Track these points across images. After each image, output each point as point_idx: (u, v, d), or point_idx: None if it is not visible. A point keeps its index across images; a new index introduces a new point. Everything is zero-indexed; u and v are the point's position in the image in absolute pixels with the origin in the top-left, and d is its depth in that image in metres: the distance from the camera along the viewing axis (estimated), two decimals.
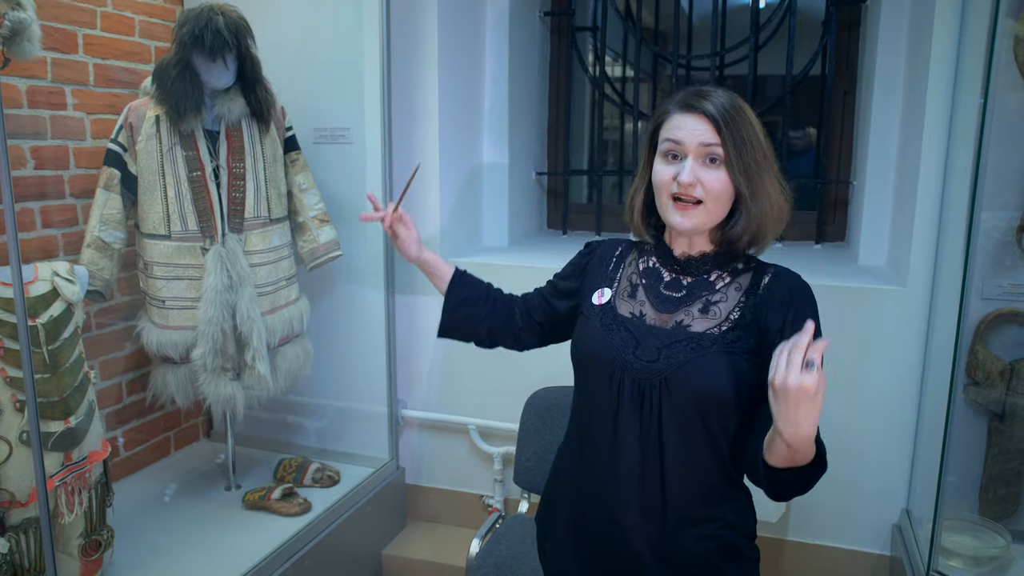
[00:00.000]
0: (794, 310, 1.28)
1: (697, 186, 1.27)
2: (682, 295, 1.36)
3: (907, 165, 2.50)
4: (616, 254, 1.48)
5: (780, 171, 1.32)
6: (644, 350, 1.32)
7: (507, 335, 1.65)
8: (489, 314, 1.64)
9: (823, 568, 2.56)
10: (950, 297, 2.29)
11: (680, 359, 1.29)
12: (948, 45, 2.26)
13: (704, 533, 1.34)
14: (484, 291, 1.68)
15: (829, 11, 2.93)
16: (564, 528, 1.45)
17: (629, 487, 1.33)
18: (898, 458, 2.47)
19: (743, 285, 1.34)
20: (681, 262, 1.37)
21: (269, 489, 2.58)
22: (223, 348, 2.39)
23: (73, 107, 2.48)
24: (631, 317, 1.37)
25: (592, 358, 1.38)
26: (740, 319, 1.30)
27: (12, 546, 1.90)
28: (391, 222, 1.68)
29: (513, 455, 2.78)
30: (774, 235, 1.33)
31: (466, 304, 1.65)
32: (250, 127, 2.43)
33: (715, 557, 1.35)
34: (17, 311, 1.48)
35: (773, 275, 1.34)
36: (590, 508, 1.39)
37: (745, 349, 1.29)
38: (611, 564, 1.37)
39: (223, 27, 2.24)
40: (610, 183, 3.54)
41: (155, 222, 2.35)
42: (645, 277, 1.41)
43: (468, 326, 1.66)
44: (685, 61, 3.19)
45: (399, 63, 2.71)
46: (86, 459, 2.06)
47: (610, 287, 1.44)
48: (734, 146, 1.25)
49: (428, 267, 1.71)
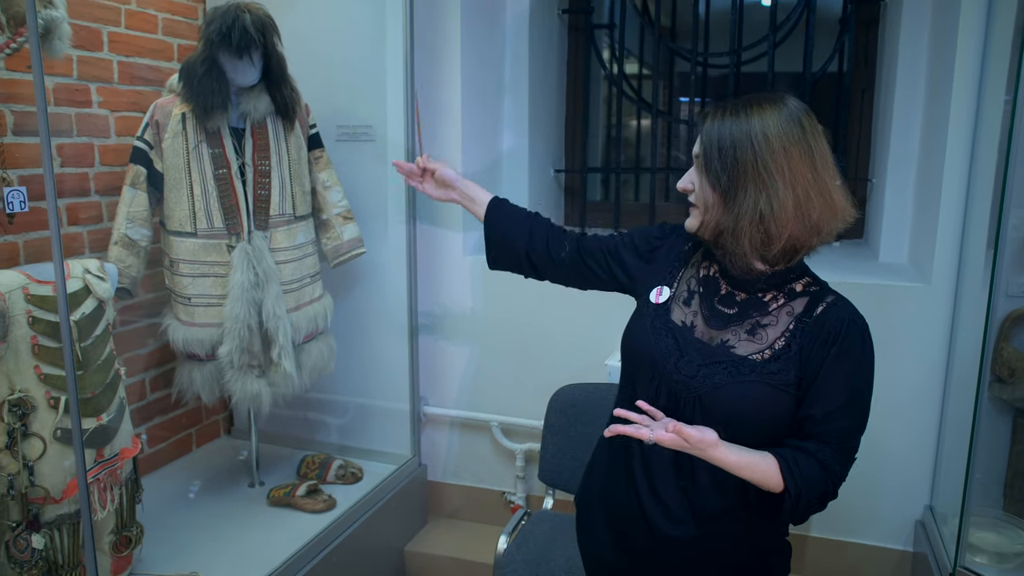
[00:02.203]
0: (838, 348, 1.25)
1: (692, 191, 1.33)
2: (733, 312, 1.34)
3: (930, 162, 2.51)
4: (686, 248, 1.46)
5: (814, 182, 1.23)
6: (685, 364, 1.32)
7: (551, 272, 1.59)
8: (529, 248, 1.58)
9: (846, 564, 2.58)
10: (974, 294, 2.30)
11: (716, 381, 1.29)
12: (974, 42, 2.26)
13: (735, 529, 1.35)
14: (522, 222, 1.61)
15: (847, 9, 2.93)
16: (600, 518, 1.49)
17: (663, 484, 1.36)
18: (921, 455, 2.48)
19: (795, 311, 1.30)
20: (736, 278, 1.34)
21: (294, 486, 2.59)
22: (249, 345, 2.39)
23: (98, 105, 2.48)
24: (681, 326, 1.37)
25: (636, 357, 1.40)
26: (784, 349, 1.28)
27: (47, 542, 1.91)
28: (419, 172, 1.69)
29: (536, 452, 2.80)
30: (779, 244, 1.25)
31: (503, 239, 1.61)
32: (275, 125, 2.43)
33: (746, 552, 1.38)
34: (60, 309, 1.48)
35: (828, 305, 1.29)
36: (624, 501, 1.41)
37: (783, 382, 1.27)
38: (645, 555, 1.40)
39: (250, 24, 2.24)
40: (623, 181, 3.53)
41: (181, 219, 2.35)
42: (703, 285, 1.39)
43: (511, 262, 1.62)
44: (703, 59, 3.20)
45: (422, 60, 2.72)
46: (117, 456, 2.06)
47: (670, 287, 1.42)
48: (705, 153, 1.27)
49: (466, 206, 1.69)
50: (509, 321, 2.83)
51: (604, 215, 3.41)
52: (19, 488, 1.86)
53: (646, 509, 1.37)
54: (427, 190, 1.70)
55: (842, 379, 1.26)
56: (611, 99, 3.49)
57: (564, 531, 2.30)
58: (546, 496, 2.49)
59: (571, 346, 2.76)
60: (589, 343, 2.72)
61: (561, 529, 2.31)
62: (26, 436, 1.87)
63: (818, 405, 1.26)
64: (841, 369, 1.25)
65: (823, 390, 1.26)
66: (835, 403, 1.26)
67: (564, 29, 3.36)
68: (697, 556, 1.36)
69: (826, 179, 1.25)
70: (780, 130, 1.23)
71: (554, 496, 2.48)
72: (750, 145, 1.23)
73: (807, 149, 1.23)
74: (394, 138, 2.73)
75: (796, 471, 1.24)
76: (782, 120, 1.23)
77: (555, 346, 2.79)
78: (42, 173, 2.28)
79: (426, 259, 2.86)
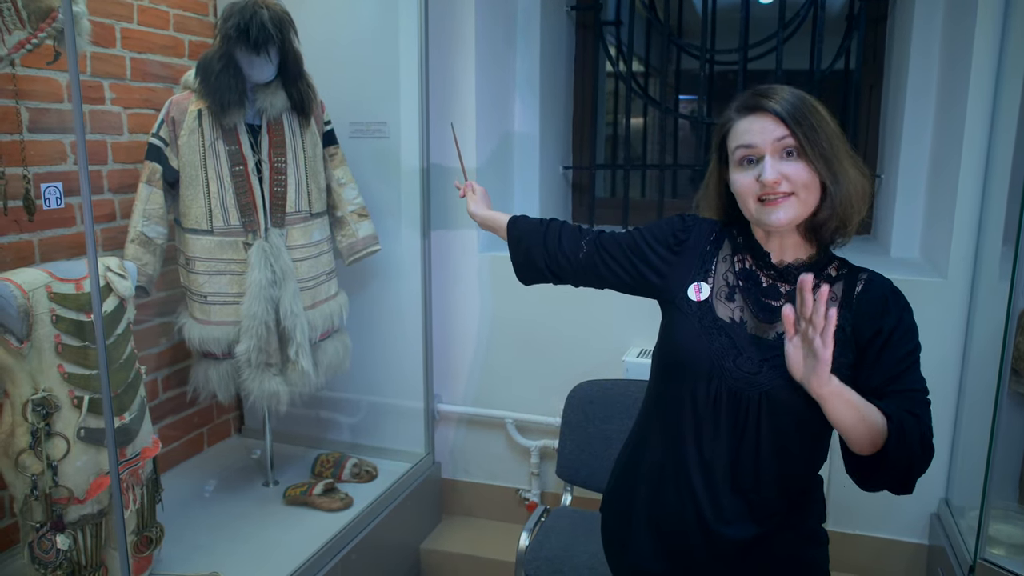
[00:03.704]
0: (891, 318, 1.27)
1: (782, 181, 1.24)
2: (781, 303, 1.32)
3: (944, 157, 2.53)
4: (711, 239, 1.42)
5: (852, 150, 1.30)
6: (745, 360, 1.30)
7: (570, 275, 1.58)
8: (546, 257, 1.58)
9: (862, 558, 2.59)
10: (991, 289, 2.32)
11: (784, 374, 1.24)
12: (991, 35, 2.27)
13: (789, 528, 1.35)
14: (536, 234, 1.61)
15: (855, 5, 2.94)
16: (642, 526, 1.43)
17: (722, 490, 1.32)
18: (937, 448, 2.46)
19: (837, 295, 1.30)
20: (779, 268, 1.33)
21: (310, 485, 2.58)
22: (266, 343, 2.38)
23: (111, 102, 2.46)
24: (730, 322, 1.34)
25: (689, 359, 1.34)
26: (839, 332, 1.26)
27: (71, 543, 1.89)
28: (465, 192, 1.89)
29: (551, 449, 2.80)
30: (859, 215, 1.29)
31: (525, 257, 1.62)
32: (291, 121, 2.42)
33: (795, 547, 1.37)
34: (95, 307, 1.47)
35: (866, 282, 1.31)
36: (675, 508, 1.37)
37: (846, 365, 1.27)
38: (696, 562, 1.36)
39: (267, 20, 2.23)
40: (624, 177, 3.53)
41: (197, 217, 2.34)
42: (743, 279, 1.36)
43: (537, 275, 1.62)
44: (710, 55, 3.21)
45: (436, 57, 2.71)
46: (139, 455, 2.04)
47: (707, 282, 1.38)
48: (804, 135, 1.23)
49: (491, 224, 1.78)
50: (523, 318, 2.82)
51: (612, 211, 3.42)
52: (43, 488, 1.84)
53: (705, 515, 1.33)
54: (469, 204, 1.86)
55: (901, 340, 1.27)
56: (616, 96, 3.49)
57: (585, 528, 2.30)
58: (564, 492, 2.48)
59: (585, 343, 2.76)
60: (603, 340, 2.72)
61: (582, 526, 2.31)
62: (49, 436, 1.85)
63: (885, 369, 1.26)
64: (899, 332, 1.27)
65: (888, 355, 1.26)
66: (900, 365, 1.26)
67: (572, 26, 3.36)
68: (755, 556, 1.34)
69: (858, 161, 1.30)
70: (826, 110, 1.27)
71: (572, 492, 2.48)
72: (824, 121, 1.25)
73: (842, 131, 1.29)
74: (408, 135, 2.72)
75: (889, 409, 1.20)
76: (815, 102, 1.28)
77: (569, 343, 2.79)
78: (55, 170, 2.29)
79: (440, 256, 2.86)
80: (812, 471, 1.37)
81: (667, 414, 1.39)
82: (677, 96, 3.34)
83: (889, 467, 1.21)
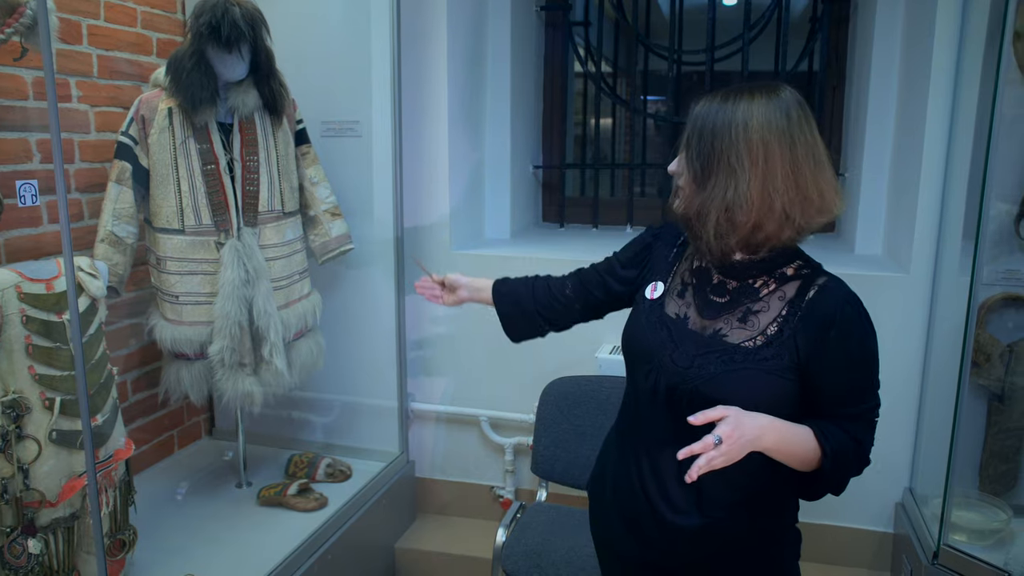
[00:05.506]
0: (836, 331, 1.26)
1: (676, 173, 1.36)
2: (725, 301, 1.35)
3: (905, 157, 2.60)
4: (678, 243, 1.49)
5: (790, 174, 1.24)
6: (680, 355, 1.34)
7: (565, 316, 1.67)
8: (537, 305, 1.68)
9: (828, 548, 2.65)
10: (952, 283, 2.39)
11: (711, 371, 1.29)
12: (950, 34, 2.34)
13: (743, 519, 1.36)
14: (524, 286, 1.72)
15: (819, 7, 3.01)
16: (612, 507, 1.50)
17: (667, 476, 1.37)
18: (901, 440, 2.56)
19: (787, 295, 1.30)
20: (728, 266, 1.34)
21: (284, 485, 2.56)
22: (240, 343, 2.36)
23: (78, 99, 2.42)
24: (675, 318, 1.39)
25: (633, 351, 1.43)
26: (777, 335, 1.28)
27: (43, 547, 1.86)
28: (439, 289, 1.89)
29: (525, 446, 2.82)
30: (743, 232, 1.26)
31: (514, 308, 1.72)
32: (263, 120, 2.40)
33: (754, 540, 1.39)
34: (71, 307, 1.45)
35: (820, 288, 1.29)
36: (632, 492, 1.42)
37: (778, 368, 1.28)
38: (654, 543, 1.41)
39: (239, 18, 2.21)
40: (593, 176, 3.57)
41: (168, 216, 2.31)
42: (696, 277, 1.41)
43: (528, 325, 1.71)
44: (678, 56, 3.25)
45: (408, 56, 2.71)
46: (112, 457, 2.02)
47: (664, 281, 1.45)
48: (687, 137, 1.31)
49: (476, 297, 1.82)
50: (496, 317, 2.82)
51: (582, 210, 3.45)
52: (13, 492, 1.81)
53: (652, 500, 1.38)
54: (446, 301, 1.87)
55: (848, 360, 1.28)
56: (585, 95, 3.52)
57: (561, 523, 2.32)
58: (539, 489, 2.50)
59: (558, 340, 2.72)
60: (576, 337, 2.69)
61: (558, 521, 2.34)
62: (20, 438, 1.82)
63: (829, 389, 1.29)
64: (845, 350, 1.27)
65: (831, 374, 1.28)
66: (845, 386, 1.30)
67: (542, 26, 3.39)
68: (705, 545, 1.37)
69: (807, 171, 1.25)
70: (764, 120, 1.24)
71: (547, 488, 2.50)
72: (728, 133, 1.25)
73: (789, 141, 1.24)
74: (380, 134, 2.72)
75: (828, 434, 1.28)
76: (769, 110, 1.24)
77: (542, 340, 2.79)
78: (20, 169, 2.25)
79: (413, 255, 2.85)
80: (759, 467, 1.31)
81: (625, 404, 1.50)
82: (645, 96, 3.38)
83: (824, 486, 1.34)
